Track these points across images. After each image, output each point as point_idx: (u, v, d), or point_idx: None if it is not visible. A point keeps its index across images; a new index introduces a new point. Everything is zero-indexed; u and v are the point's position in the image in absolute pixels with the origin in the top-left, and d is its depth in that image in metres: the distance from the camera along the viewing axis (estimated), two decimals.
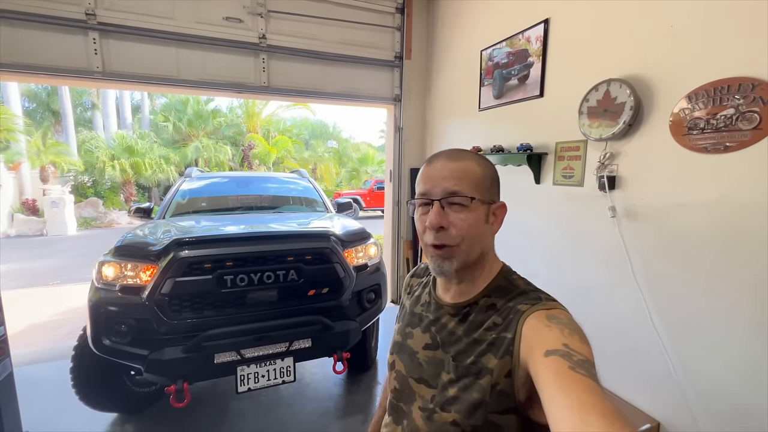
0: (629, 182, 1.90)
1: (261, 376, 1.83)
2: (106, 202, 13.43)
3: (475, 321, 0.66)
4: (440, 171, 0.66)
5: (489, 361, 0.61)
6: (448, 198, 0.65)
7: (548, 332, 0.55)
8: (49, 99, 15.82)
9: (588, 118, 2.02)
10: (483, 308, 0.67)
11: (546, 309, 0.60)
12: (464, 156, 0.69)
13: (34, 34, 2.57)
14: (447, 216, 0.65)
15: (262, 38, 3.20)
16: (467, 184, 0.65)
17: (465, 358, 0.64)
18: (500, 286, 0.68)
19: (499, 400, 0.59)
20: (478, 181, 0.66)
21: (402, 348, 0.77)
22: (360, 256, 2.27)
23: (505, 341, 0.60)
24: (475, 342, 0.64)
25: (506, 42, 2.71)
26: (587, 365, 0.49)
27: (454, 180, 0.65)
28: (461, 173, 0.66)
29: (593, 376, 0.48)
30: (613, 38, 1.96)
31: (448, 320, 0.70)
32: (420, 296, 0.81)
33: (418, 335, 0.74)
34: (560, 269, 2.32)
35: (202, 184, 3.33)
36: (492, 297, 0.67)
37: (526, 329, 0.58)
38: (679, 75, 1.66)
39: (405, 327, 0.79)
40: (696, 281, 1.64)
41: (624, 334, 1.94)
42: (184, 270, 1.74)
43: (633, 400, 1.92)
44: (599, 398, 0.44)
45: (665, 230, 1.74)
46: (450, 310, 0.71)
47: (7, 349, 1.92)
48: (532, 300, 0.63)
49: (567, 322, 0.57)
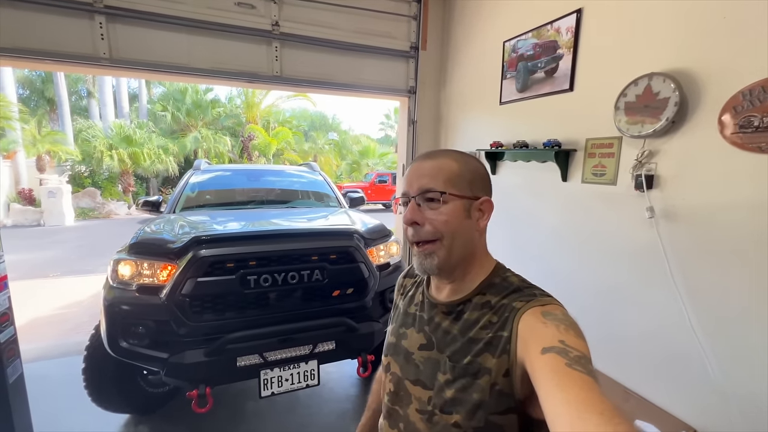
0: (669, 182, 1.82)
1: (285, 380, 1.76)
2: (104, 193, 13.24)
3: (470, 319, 0.66)
4: (417, 170, 0.69)
5: (486, 361, 0.60)
6: (423, 194, 0.66)
7: (544, 329, 0.55)
8: (44, 86, 15.51)
9: (625, 114, 1.93)
10: (477, 306, 0.66)
11: (541, 305, 0.60)
12: (441, 154, 0.70)
13: (38, 17, 2.43)
14: (423, 212, 0.66)
15: (275, 25, 3.07)
16: (440, 181, 0.66)
17: (461, 357, 0.63)
18: (494, 283, 0.68)
19: (499, 400, 0.59)
20: (454, 177, 0.67)
21: (397, 349, 0.76)
22: (382, 255, 2.20)
23: (501, 340, 0.60)
24: (471, 341, 0.64)
25: (533, 33, 2.60)
26: (584, 361, 0.49)
27: (427, 178, 0.67)
28: (434, 170, 0.67)
29: (590, 372, 0.48)
30: (655, 30, 1.87)
31: (442, 319, 0.70)
32: (413, 296, 0.80)
33: (412, 335, 0.74)
34: (589, 270, 2.25)
35: (211, 176, 3.23)
36: (486, 294, 0.67)
37: (522, 327, 0.58)
38: (731, 70, 1.57)
39: (399, 327, 0.79)
40: (740, 285, 1.58)
41: (660, 339, 1.88)
42: (206, 270, 1.65)
43: (667, 406, 1.87)
44: (596, 395, 0.44)
45: (709, 232, 1.67)
46: (444, 309, 0.70)
47: (17, 350, 1.84)
48: (526, 297, 0.63)
49: (562, 317, 0.57)
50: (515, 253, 2.74)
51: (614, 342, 2.11)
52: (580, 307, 2.29)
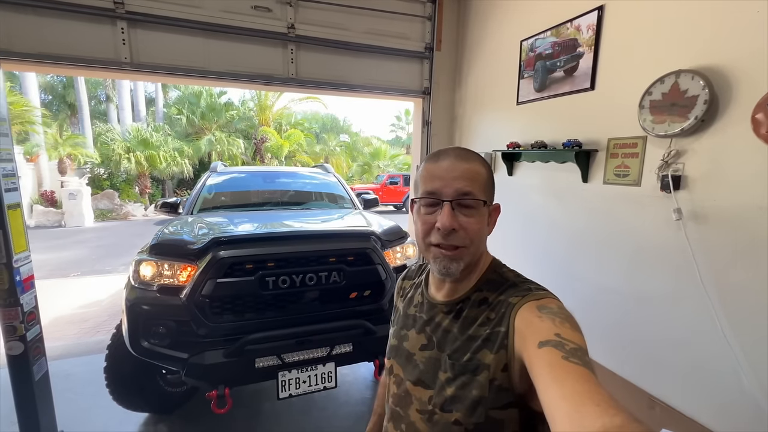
0: (698, 182, 1.76)
1: (302, 381, 1.76)
2: (122, 194, 13.57)
3: (469, 316, 0.66)
4: (450, 171, 0.65)
5: (485, 357, 0.61)
6: (460, 199, 0.64)
7: (540, 323, 0.55)
8: (65, 91, 15.99)
9: (650, 113, 1.88)
10: (476, 303, 0.67)
11: (536, 299, 0.60)
12: (472, 157, 0.69)
13: (63, 24, 2.50)
14: (456, 218, 0.64)
15: (291, 28, 3.09)
16: (478, 187, 0.65)
17: (461, 355, 0.64)
18: (490, 279, 0.69)
19: (498, 396, 0.59)
20: (485, 184, 0.67)
21: (398, 351, 0.77)
22: (398, 257, 2.18)
23: (499, 335, 0.60)
24: (470, 338, 0.64)
25: (551, 31, 2.56)
26: (580, 353, 0.50)
27: (466, 181, 0.64)
28: (472, 174, 0.65)
29: (587, 364, 0.48)
30: (681, 26, 1.81)
31: (443, 318, 0.70)
32: (413, 297, 0.81)
33: (413, 337, 0.75)
34: (611, 274, 2.19)
35: (227, 178, 3.26)
36: (483, 291, 0.67)
37: (518, 321, 0.59)
38: (765, 66, 1.51)
39: (400, 330, 0.79)
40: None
41: (690, 347, 1.81)
42: (226, 271, 1.66)
43: (696, 416, 1.80)
44: (593, 386, 0.44)
45: (741, 235, 1.61)
46: (443, 308, 0.71)
47: (42, 349, 1.88)
48: (522, 291, 0.63)
49: (558, 311, 0.57)
50: (530, 256, 2.68)
51: (639, 348, 2.05)
52: (601, 312, 2.23)
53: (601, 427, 0.38)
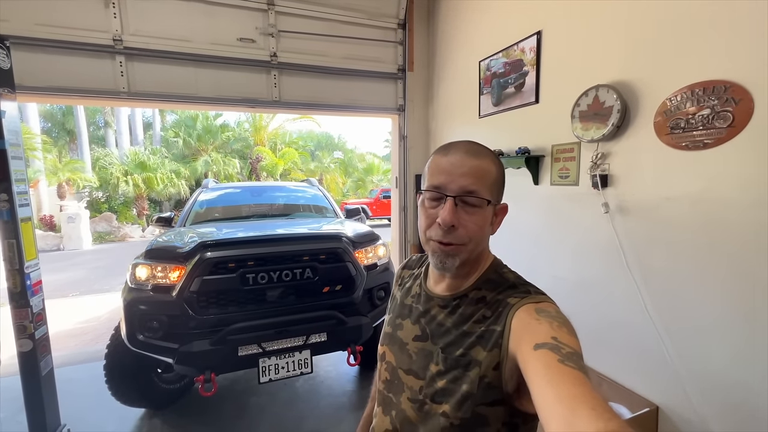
0: (620, 180, 2.03)
1: (281, 367, 1.98)
2: (120, 217, 13.81)
3: (465, 313, 0.67)
4: (458, 166, 0.63)
5: (478, 354, 0.61)
6: (464, 197, 0.63)
7: (537, 325, 0.56)
8: (64, 119, 16.43)
9: (580, 122, 2.16)
10: (473, 301, 0.67)
11: (535, 302, 0.61)
12: (483, 153, 0.66)
13: (67, 59, 2.81)
14: (458, 215, 0.63)
15: (273, 56, 3.42)
16: (484, 185, 0.63)
17: (454, 350, 0.64)
18: (490, 279, 0.69)
19: (486, 392, 0.60)
20: (493, 183, 0.65)
21: (392, 339, 0.78)
22: (370, 256, 2.42)
23: (494, 334, 0.61)
24: (465, 334, 0.65)
25: (502, 53, 2.88)
26: (576, 357, 0.50)
27: (472, 179, 0.63)
28: (480, 172, 0.63)
29: (582, 368, 0.48)
30: (600, 47, 2.12)
31: (438, 312, 0.71)
32: (411, 288, 0.81)
33: (408, 326, 0.75)
34: (562, 265, 2.44)
35: (218, 194, 3.52)
36: (482, 290, 0.68)
37: (515, 322, 0.59)
38: (660, 79, 1.80)
39: (395, 318, 0.80)
40: (685, 271, 1.75)
41: (622, 325, 2.04)
42: (211, 269, 1.90)
43: (631, 386, 2.02)
44: (588, 390, 0.45)
45: (655, 224, 1.87)
46: (440, 302, 0.71)
47: (48, 347, 2.09)
48: (521, 293, 0.64)
49: (555, 315, 0.58)
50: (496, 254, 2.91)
51: (587, 332, 2.26)
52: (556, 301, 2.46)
53: (596, 430, 0.39)
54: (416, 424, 0.67)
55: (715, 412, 1.67)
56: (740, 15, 1.52)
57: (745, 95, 1.49)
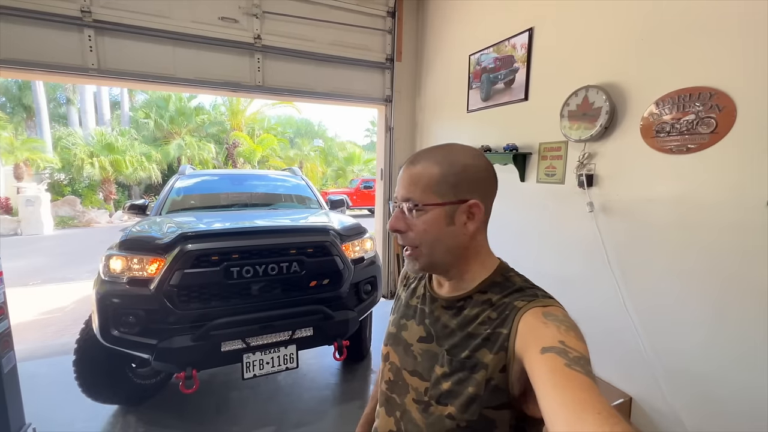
0: (606, 180, 2.08)
1: (266, 363, 1.93)
2: (85, 201, 13.04)
3: (469, 315, 0.67)
4: (402, 177, 0.69)
5: (484, 356, 0.61)
6: (405, 203, 0.68)
7: (545, 329, 0.56)
8: (21, 93, 15.21)
9: (568, 121, 2.20)
10: (478, 303, 0.67)
11: (542, 306, 0.61)
12: (426, 158, 0.67)
13: (30, 31, 2.57)
14: (407, 220, 0.67)
15: (257, 38, 3.26)
16: (418, 190, 0.66)
17: (459, 352, 0.64)
18: (496, 282, 0.69)
19: (493, 395, 0.60)
20: (434, 183, 0.65)
21: (397, 340, 0.78)
22: (357, 250, 2.39)
23: (500, 337, 0.61)
24: (470, 336, 0.65)
25: (493, 48, 2.87)
26: (583, 362, 0.50)
27: (407, 187, 0.67)
28: (414, 179, 0.67)
29: (589, 373, 0.48)
30: (591, 48, 2.14)
31: (442, 313, 0.71)
32: (416, 288, 0.81)
33: (412, 327, 0.75)
34: (546, 261, 2.50)
35: (196, 181, 3.36)
36: (488, 293, 0.67)
37: (522, 325, 0.59)
38: (648, 83, 1.84)
39: (400, 319, 0.80)
40: (662, 269, 1.83)
41: (601, 319, 2.12)
42: (193, 262, 1.81)
43: (608, 378, 2.11)
44: (595, 395, 0.45)
45: (637, 224, 1.93)
46: (444, 303, 0.72)
47: (11, 343, 1.95)
48: (528, 297, 0.63)
49: (563, 319, 0.58)
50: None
51: None
52: None
53: None
54: (422, 425, 0.67)
55: (685, 403, 1.78)
56: (729, 24, 1.56)
57: (729, 103, 1.54)
